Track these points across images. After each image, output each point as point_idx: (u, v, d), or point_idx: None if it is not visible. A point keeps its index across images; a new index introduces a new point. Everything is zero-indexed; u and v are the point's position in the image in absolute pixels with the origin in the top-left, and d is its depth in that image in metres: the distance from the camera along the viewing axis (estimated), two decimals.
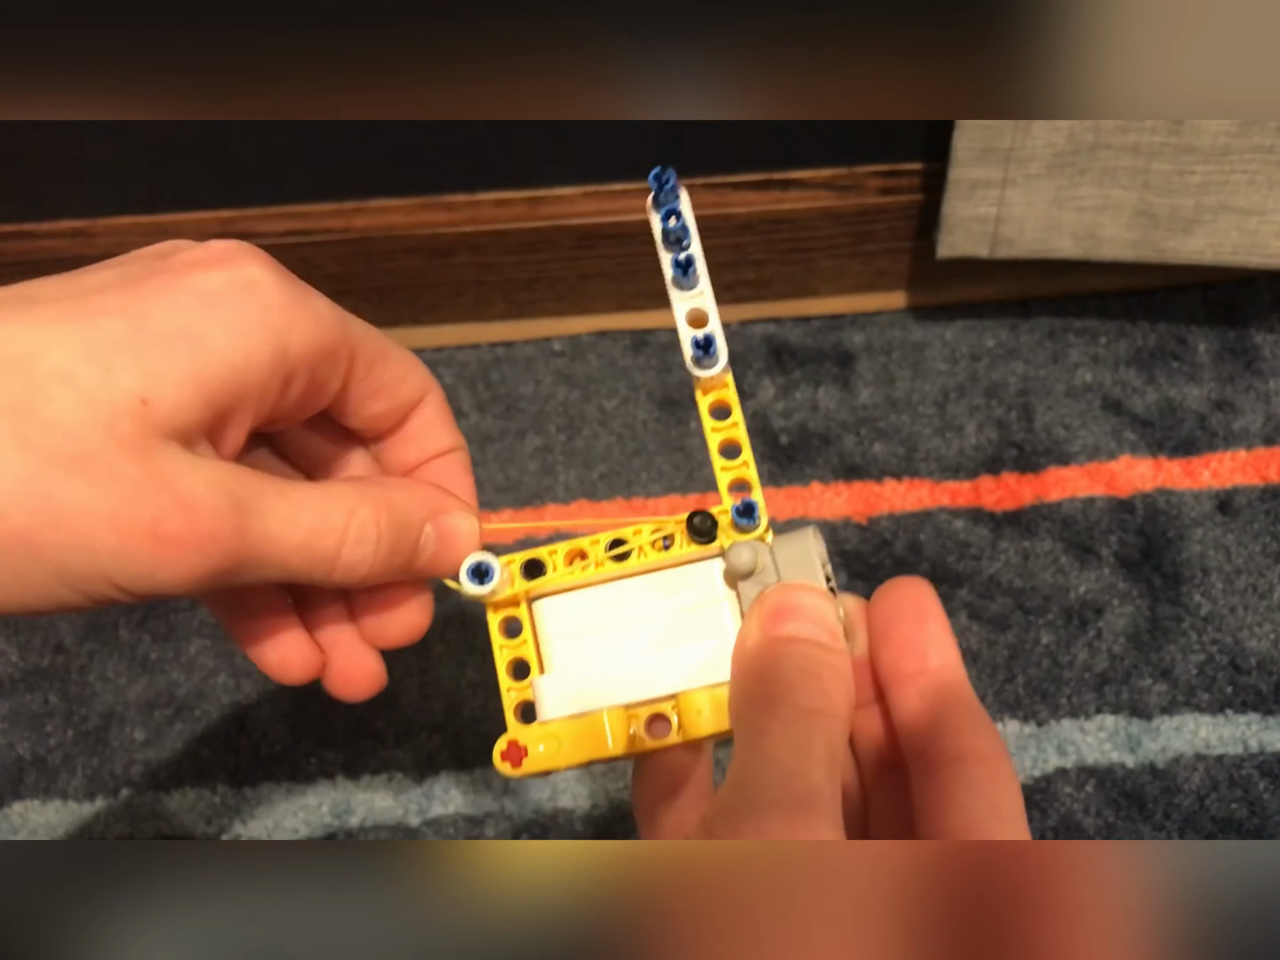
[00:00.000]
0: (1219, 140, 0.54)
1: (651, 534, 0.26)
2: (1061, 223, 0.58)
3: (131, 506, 0.21)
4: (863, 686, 0.26)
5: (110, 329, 0.22)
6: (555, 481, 0.63)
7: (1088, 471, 0.62)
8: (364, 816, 0.55)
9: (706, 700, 0.25)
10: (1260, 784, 0.53)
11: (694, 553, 0.26)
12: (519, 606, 0.27)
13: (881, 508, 0.61)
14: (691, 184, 0.62)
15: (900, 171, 0.62)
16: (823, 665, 0.23)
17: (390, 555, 0.25)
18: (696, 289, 0.27)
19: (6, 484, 0.21)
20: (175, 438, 0.22)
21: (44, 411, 0.21)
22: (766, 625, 0.24)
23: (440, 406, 0.29)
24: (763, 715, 0.22)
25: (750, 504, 0.26)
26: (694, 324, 0.27)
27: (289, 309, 0.24)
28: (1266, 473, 0.61)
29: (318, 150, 0.60)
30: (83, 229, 0.63)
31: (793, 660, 0.23)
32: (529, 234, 0.63)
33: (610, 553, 0.26)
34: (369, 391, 0.27)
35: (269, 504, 0.23)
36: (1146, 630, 0.57)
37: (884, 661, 0.25)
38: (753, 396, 0.65)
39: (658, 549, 0.26)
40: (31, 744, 0.58)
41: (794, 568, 0.25)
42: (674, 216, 0.26)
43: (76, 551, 0.21)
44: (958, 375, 0.65)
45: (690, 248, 0.26)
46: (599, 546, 0.26)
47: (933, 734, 0.24)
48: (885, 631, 0.25)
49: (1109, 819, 0.53)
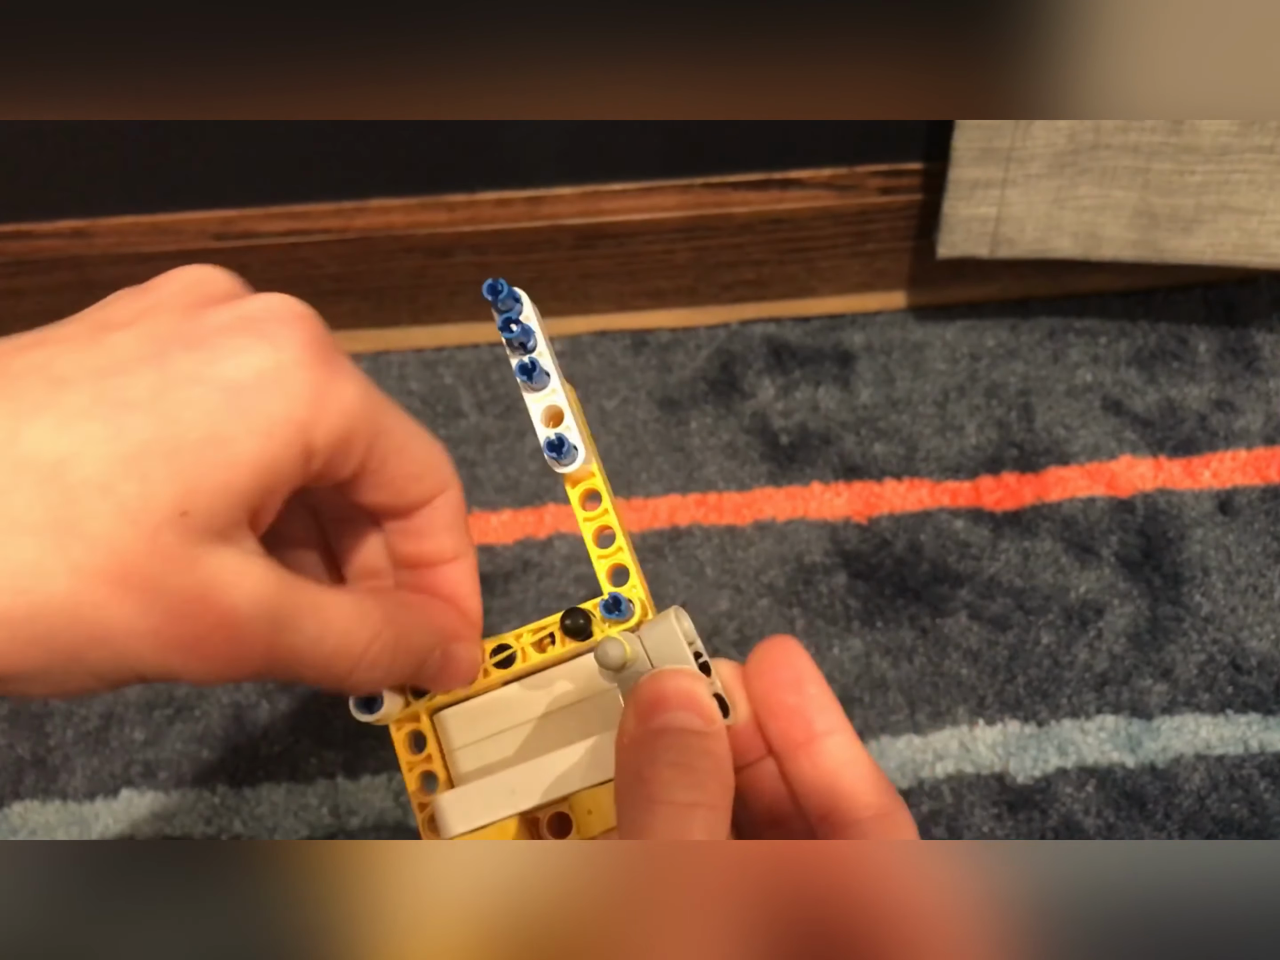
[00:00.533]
0: (1219, 140, 0.54)
1: (533, 635, 0.27)
2: (1062, 222, 0.58)
3: (175, 626, 0.22)
4: (748, 749, 0.26)
5: (140, 431, 0.21)
6: (555, 481, 0.63)
7: (1088, 471, 0.62)
8: (364, 816, 0.55)
9: (596, 800, 0.26)
10: (1261, 784, 0.53)
11: (574, 648, 0.27)
12: (421, 721, 0.28)
13: (882, 508, 0.61)
14: (691, 184, 0.62)
15: (900, 171, 0.62)
16: (696, 755, 0.24)
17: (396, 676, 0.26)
18: (548, 388, 0.27)
19: (56, 606, 0.21)
20: (215, 539, 0.22)
21: (87, 528, 0.21)
22: (641, 718, 0.25)
23: (453, 510, 0.28)
24: (643, 814, 0.23)
25: (616, 598, 0.26)
26: (549, 423, 0.27)
27: (316, 402, 0.23)
28: (1267, 473, 0.61)
29: (318, 150, 0.60)
30: (83, 229, 0.63)
31: (668, 755, 0.24)
32: (529, 234, 0.63)
33: (493, 659, 0.27)
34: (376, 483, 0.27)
35: (302, 621, 0.24)
36: (1147, 630, 0.57)
37: (773, 732, 0.26)
38: (753, 396, 0.65)
39: (541, 649, 0.27)
40: (31, 744, 0.58)
41: (662, 652, 0.25)
42: (514, 324, 0.26)
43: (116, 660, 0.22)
44: (958, 375, 0.65)
45: (535, 349, 0.27)
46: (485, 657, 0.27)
47: (830, 798, 0.25)
48: (767, 703, 0.26)
49: (1109, 819, 0.53)
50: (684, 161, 0.62)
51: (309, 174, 0.61)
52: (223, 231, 0.63)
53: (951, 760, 0.55)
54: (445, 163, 0.61)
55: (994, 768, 0.54)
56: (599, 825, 0.26)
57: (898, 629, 0.58)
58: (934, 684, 0.57)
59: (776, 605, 0.59)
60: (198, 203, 0.62)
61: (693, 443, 0.64)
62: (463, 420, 0.66)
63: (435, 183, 0.62)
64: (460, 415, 0.66)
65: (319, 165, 0.61)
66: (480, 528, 0.62)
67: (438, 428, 0.65)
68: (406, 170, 0.61)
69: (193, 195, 0.62)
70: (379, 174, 0.62)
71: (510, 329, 0.26)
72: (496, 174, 0.62)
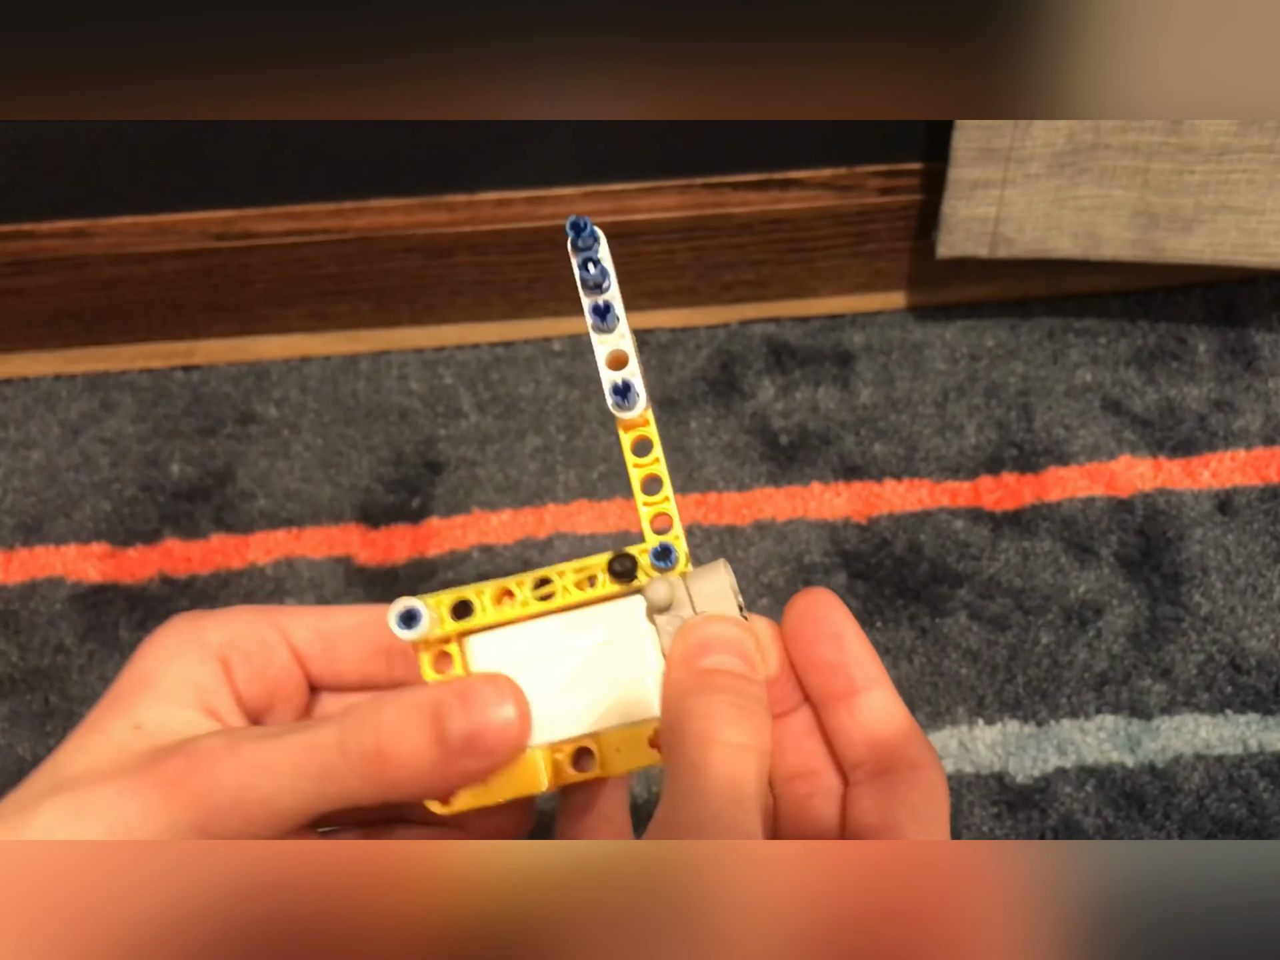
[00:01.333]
0: (1218, 140, 0.54)
1: (575, 574, 0.27)
2: (1061, 222, 0.58)
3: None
4: (780, 699, 0.27)
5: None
6: (555, 481, 0.63)
7: (1087, 471, 0.62)
8: None
9: (624, 739, 0.27)
10: (1260, 784, 0.53)
11: (616, 590, 0.27)
12: (450, 644, 0.28)
13: (881, 508, 0.61)
14: (691, 184, 0.62)
15: (900, 171, 0.62)
16: (751, 701, 0.25)
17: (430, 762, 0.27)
18: (616, 332, 0.27)
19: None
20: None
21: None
22: (691, 658, 0.25)
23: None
24: (698, 751, 0.24)
25: (667, 547, 0.27)
26: (613, 366, 0.28)
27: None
28: (1266, 473, 0.61)
29: (318, 150, 0.60)
30: (84, 229, 0.63)
31: (724, 696, 0.24)
32: (529, 234, 0.64)
33: (536, 592, 0.27)
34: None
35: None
36: (1146, 630, 0.57)
37: (812, 684, 0.27)
38: (752, 397, 0.65)
39: (581, 588, 0.27)
40: (31, 744, 0.58)
41: (709, 600, 0.26)
42: (591, 264, 0.27)
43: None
44: (957, 375, 0.65)
45: (609, 292, 0.27)
46: (525, 587, 0.28)
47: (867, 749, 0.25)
48: (808, 657, 0.27)
49: (1109, 819, 0.53)
50: (684, 162, 0.62)
51: (309, 174, 0.61)
52: (223, 232, 0.63)
53: (951, 760, 0.55)
54: (445, 163, 0.61)
55: (993, 767, 0.54)
56: (624, 765, 0.27)
57: (897, 629, 0.58)
58: (933, 684, 0.57)
59: (776, 605, 0.59)
60: (198, 203, 0.62)
61: (693, 443, 0.64)
62: (463, 420, 0.66)
63: (435, 183, 0.62)
64: (460, 415, 0.66)
65: (319, 166, 0.61)
66: (480, 528, 0.62)
67: (438, 428, 0.65)
68: (407, 170, 0.61)
69: (193, 195, 0.62)
70: (379, 174, 0.62)
71: (588, 269, 0.27)
72: (496, 174, 0.62)
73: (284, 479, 0.64)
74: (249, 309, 0.68)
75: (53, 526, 0.64)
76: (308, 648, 0.29)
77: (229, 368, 0.68)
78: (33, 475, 0.66)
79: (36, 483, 0.65)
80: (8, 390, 0.69)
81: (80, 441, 0.66)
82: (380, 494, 0.64)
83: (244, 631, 0.28)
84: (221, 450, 0.66)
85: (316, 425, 0.66)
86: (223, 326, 0.69)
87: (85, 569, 0.62)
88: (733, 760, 0.23)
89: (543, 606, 0.27)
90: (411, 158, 0.61)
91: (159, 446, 0.66)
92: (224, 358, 0.69)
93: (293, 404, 0.67)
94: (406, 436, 0.65)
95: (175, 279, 0.65)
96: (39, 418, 0.68)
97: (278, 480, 0.64)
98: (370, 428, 0.66)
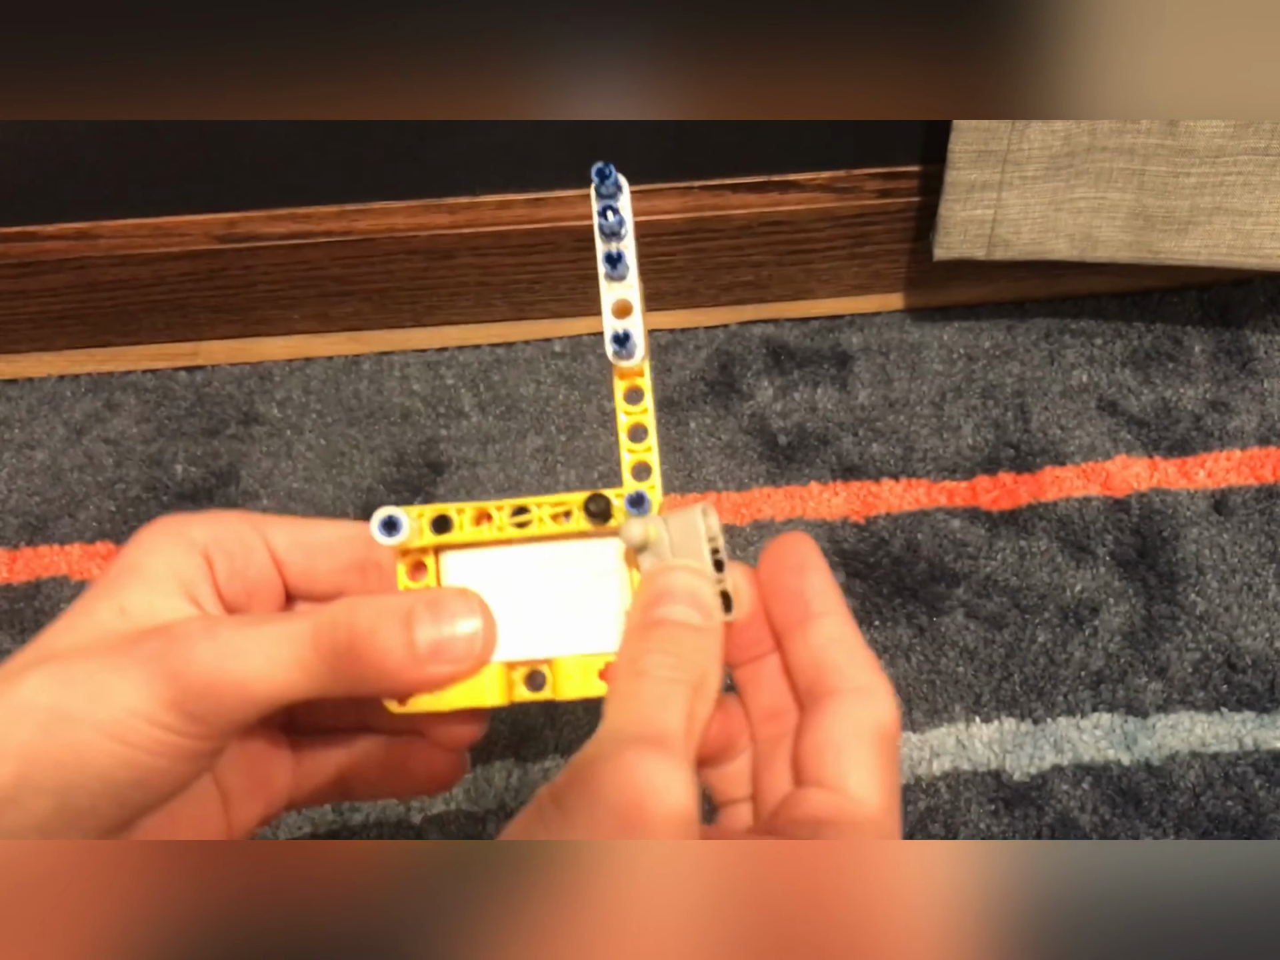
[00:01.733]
0: (1214, 142, 0.54)
1: (553, 507, 0.28)
2: (1057, 224, 0.59)
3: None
4: (755, 642, 0.28)
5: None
6: (556, 481, 0.64)
7: (1083, 471, 0.62)
8: (366, 814, 0.55)
9: (578, 667, 0.28)
10: (1255, 781, 0.54)
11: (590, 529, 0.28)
12: (427, 555, 0.29)
13: (879, 508, 0.62)
14: (690, 186, 0.63)
15: (898, 174, 0.62)
16: (686, 646, 0.26)
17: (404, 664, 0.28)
18: (625, 281, 0.28)
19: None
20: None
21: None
22: (648, 606, 0.27)
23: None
24: (629, 682, 0.25)
25: (640, 495, 0.28)
26: (618, 314, 0.28)
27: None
28: (1261, 473, 0.61)
29: (320, 152, 0.61)
30: (87, 230, 0.63)
31: (660, 642, 0.26)
32: (530, 236, 0.64)
33: (514, 519, 0.28)
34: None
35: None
36: (1142, 629, 0.58)
37: (775, 614, 0.28)
38: (751, 397, 0.66)
39: (557, 521, 0.28)
40: None
41: (681, 544, 0.27)
42: (611, 211, 0.28)
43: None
44: (954, 376, 0.66)
45: (624, 241, 0.28)
46: (504, 512, 0.28)
47: (815, 673, 0.26)
48: (771, 586, 0.28)
49: (1105, 816, 0.53)
50: (683, 164, 0.62)
51: (312, 176, 0.62)
52: (226, 234, 0.63)
53: (948, 757, 0.55)
54: (447, 165, 0.62)
55: (990, 765, 0.55)
56: (574, 691, 0.28)
57: (895, 627, 0.58)
58: (931, 682, 0.57)
59: None
60: (201, 205, 0.63)
61: (692, 443, 0.65)
62: (464, 421, 0.66)
63: (437, 185, 0.62)
64: (462, 416, 0.66)
65: (322, 168, 0.61)
66: None
67: (439, 428, 0.66)
68: (408, 172, 0.62)
69: (196, 197, 0.63)
70: (381, 176, 0.62)
71: (606, 215, 0.28)
72: (498, 176, 0.62)
73: (287, 479, 0.65)
74: (252, 310, 0.68)
75: (57, 526, 0.64)
76: (287, 555, 0.30)
77: (232, 369, 0.69)
78: (37, 475, 0.66)
79: (41, 483, 0.66)
80: (12, 391, 0.69)
81: (84, 442, 0.67)
82: (383, 494, 0.64)
83: (228, 532, 0.29)
84: (225, 451, 0.66)
85: (319, 426, 0.67)
86: (226, 328, 0.69)
87: (90, 568, 0.62)
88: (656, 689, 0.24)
89: (518, 533, 0.28)
90: (413, 160, 0.61)
91: (163, 447, 0.66)
92: (227, 359, 0.69)
93: (296, 405, 0.67)
94: (409, 437, 0.66)
95: (179, 281, 0.66)
96: (43, 418, 0.68)
97: (281, 480, 0.65)
98: (372, 428, 0.66)
